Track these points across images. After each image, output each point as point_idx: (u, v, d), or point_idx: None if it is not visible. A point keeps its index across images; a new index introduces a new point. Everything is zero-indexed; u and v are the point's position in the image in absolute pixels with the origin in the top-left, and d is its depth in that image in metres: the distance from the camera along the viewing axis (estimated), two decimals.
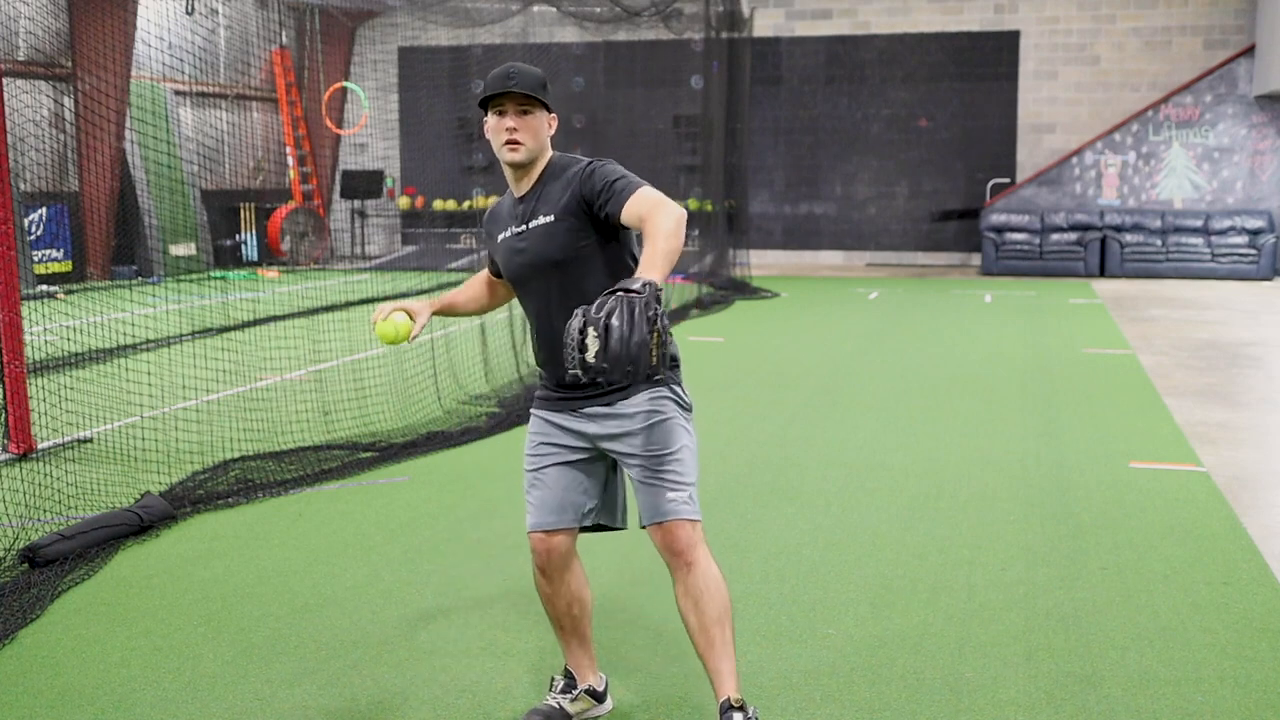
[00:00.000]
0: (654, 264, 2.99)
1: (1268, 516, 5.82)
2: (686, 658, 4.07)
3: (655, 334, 2.84)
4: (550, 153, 3.41)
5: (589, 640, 3.66)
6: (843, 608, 4.57)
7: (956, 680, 3.91)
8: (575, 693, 3.64)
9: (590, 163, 3.32)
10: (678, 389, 3.41)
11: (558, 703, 3.62)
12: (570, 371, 2.86)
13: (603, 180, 3.25)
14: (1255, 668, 4.01)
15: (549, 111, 3.36)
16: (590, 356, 2.83)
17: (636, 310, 2.82)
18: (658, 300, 2.86)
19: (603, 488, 3.51)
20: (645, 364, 2.83)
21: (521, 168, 3.36)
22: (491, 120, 3.34)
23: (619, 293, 2.86)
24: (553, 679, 3.68)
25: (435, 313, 3.69)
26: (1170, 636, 4.27)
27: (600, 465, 3.48)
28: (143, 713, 3.70)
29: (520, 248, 3.38)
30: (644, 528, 3.38)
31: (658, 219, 3.08)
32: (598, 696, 3.68)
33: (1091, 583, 4.84)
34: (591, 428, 3.39)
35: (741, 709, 3.27)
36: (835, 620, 4.44)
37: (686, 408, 3.42)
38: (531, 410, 3.56)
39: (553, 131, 3.40)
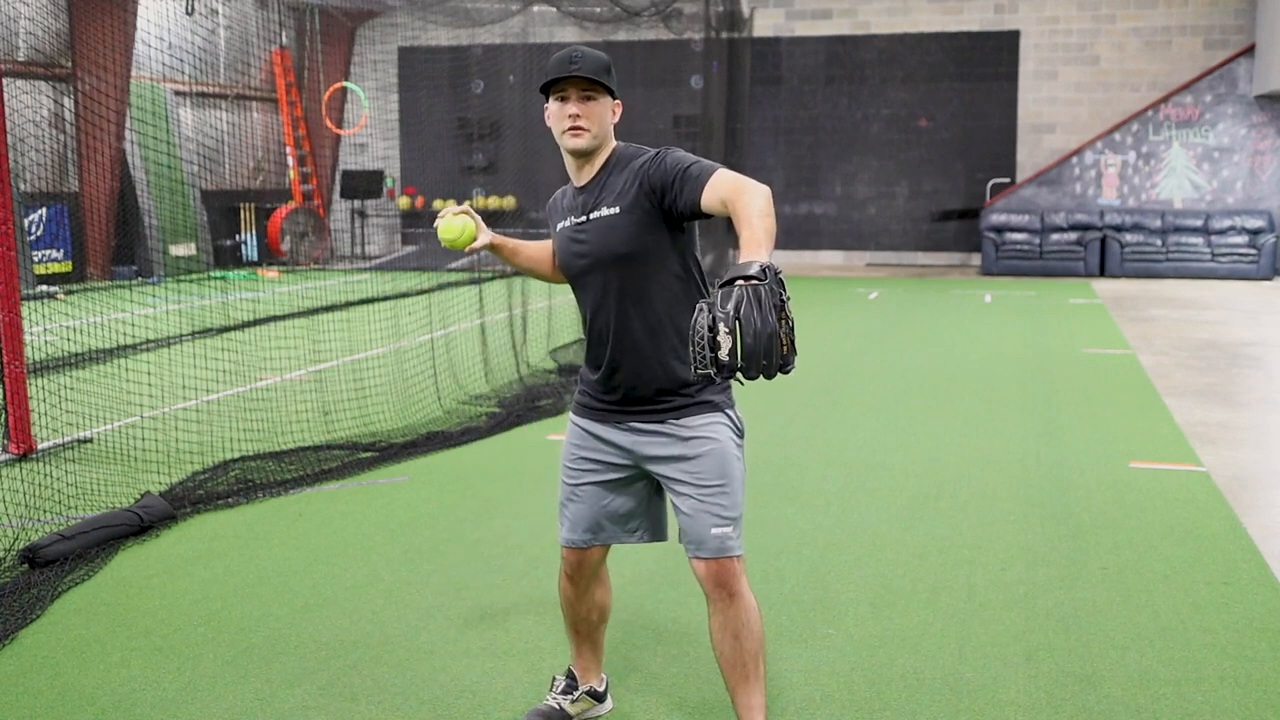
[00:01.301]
0: (759, 244, 2.75)
1: (1268, 516, 5.81)
2: (686, 657, 4.08)
3: (784, 321, 2.60)
4: (614, 142, 3.24)
5: (600, 645, 3.64)
6: (843, 608, 4.57)
7: (956, 680, 3.91)
8: (576, 694, 3.62)
9: (658, 151, 3.15)
10: (732, 412, 3.24)
11: (558, 703, 3.60)
12: (700, 372, 2.62)
13: (675, 167, 3.07)
14: (1255, 668, 4.01)
15: (613, 98, 3.21)
16: (724, 355, 2.57)
17: (764, 298, 2.58)
18: (780, 284, 2.64)
19: (645, 506, 3.38)
20: (778, 357, 2.58)
21: (583, 155, 3.20)
22: (553, 106, 3.19)
23: (738, 281, 2.61)
24: (554, 679, 3.67)
25: (495, 246, 3.46)
26: (1170, 636, 4.27)
27: (641, 484, 3.34)
28: (143, 713, 3.70)
29: (580, 239, 3.22)
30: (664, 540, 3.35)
31: (746, 199, 2.87)
32: (598, 697, 3.67)
33: (1091, 583, 4.84)
34: (638, 445, 3.24)
35: None
36: (835, 620, 4.44)
37: (740, 433, 3.26)
38: (571, 416, 3.40)
39: (617, 119, 3.24)
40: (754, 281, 2.60)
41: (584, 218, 3.21)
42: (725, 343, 2.57)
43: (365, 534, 5.55)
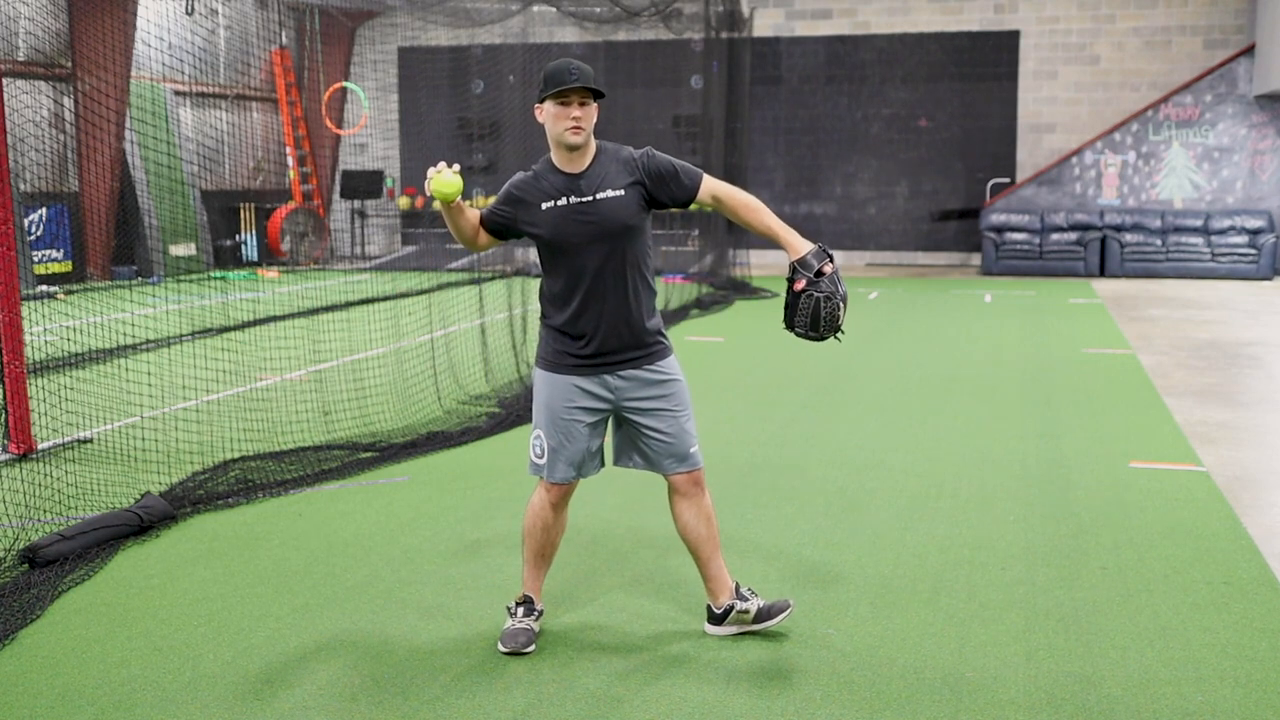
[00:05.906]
0: (795, 234, 3.94)
1: (1268, 516, 5.81)
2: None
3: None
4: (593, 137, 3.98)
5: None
6: (843, 608, 4.57)
7: (956, 680, 3.91)
8: (536, 614, 4.23)
9: (644, 150, 4.00)
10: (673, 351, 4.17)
11: (527, 624, 4.18)
12: (810, 337, 3.88)
13: (668, 164, 3.98)
14: (1255, 668, 4.01)
15: (596, 101, 3.94)
16: (843, 324, 3.88)
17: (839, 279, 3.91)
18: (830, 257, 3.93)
19: (601, 443, 4.13)
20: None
21: (577, 149, 3.92)
22: (554, 108, 3.89)
23: (828, 266, 3.86)
24: (512, 610, 4.21)
25: (459, 205, 3.99)
26: (1170, 636, 4.27)
27: (605, 424, 4.11)
28: (143, 713, 3.70)
29: (587, 214, 3.91)
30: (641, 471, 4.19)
31: (745, 198, 3.97)
32: (541, 613, 4.29)
33: (1091, 583, 4.84)
34: (620, 390, 3.99)
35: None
36: (835, 620, 4.44)
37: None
38: (549, 374, 4.02)
39: (595, 119, 3.97)
40: (832, 265, 3.86)
41: (590, 198, 3.92)
42: (843, 317, 3.86)
43: (365, 534, 5.55)
